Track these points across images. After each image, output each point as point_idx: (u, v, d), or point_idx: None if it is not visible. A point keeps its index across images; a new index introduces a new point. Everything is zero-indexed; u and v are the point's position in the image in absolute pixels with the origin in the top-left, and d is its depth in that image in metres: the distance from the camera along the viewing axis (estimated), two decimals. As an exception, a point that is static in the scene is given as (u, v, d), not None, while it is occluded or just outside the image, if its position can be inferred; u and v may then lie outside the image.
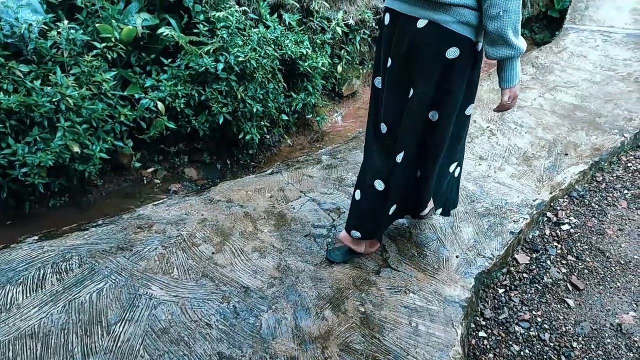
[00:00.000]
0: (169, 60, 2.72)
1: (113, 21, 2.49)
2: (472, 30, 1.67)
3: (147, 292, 1.91)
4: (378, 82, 1.95)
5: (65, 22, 2.38)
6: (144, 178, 2.86)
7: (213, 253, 2.16)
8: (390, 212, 2.05)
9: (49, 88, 2.26)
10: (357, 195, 2.05)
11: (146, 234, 2.22)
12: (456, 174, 2.17)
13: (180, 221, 2.33)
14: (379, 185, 1.98)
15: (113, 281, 1.95)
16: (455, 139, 1.99)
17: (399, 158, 1.92)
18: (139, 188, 2.80)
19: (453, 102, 1.81)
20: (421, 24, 1.67)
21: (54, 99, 2.24)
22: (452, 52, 1.68)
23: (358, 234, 2.06)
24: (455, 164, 2.11)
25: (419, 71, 1.75)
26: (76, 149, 2.30)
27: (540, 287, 2.32)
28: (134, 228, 2.25)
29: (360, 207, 2.05)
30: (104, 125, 2.47)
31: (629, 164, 3.25)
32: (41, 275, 1.95)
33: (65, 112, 2.29)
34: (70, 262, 2.02)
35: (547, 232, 2.66)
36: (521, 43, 1.65)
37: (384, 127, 1.95)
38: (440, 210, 2.21)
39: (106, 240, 2.16)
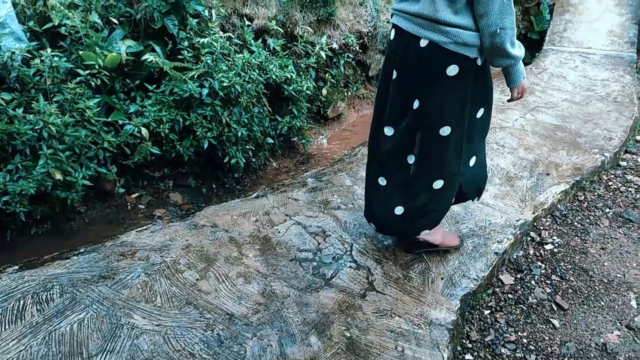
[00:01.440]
0: (154, 86, 2.73)
1: (97, 48, 2.51)
2: (470, 48, 1.80)
3: (129, 322, 1.88)
4: (381, 90, 2.11)
5: (49, 50, 2.39)
6: (128, 204, 2.84)
7: (197, 279, 2.14)
8: (398, 213, 2.19)
9: (31, 116, 2.25)
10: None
11: (129, 261, 2.20)
12: (479, 163, 2.29)
13: (164, 247, 2.31)
14: (382, 181, 2.18)
15: (94, 311, 1.92)
16: (470, 143, 2.13)
17: (411, 159, 2.07)
18: (123, 214, 2.77)
19: (458, 114, 1.95)
20: (423, 43, 1.82)
21: (36, 127, 2.24)
22: (452, 70, 1.82)
23: (373, 226, 2.31)
24: (474, 158, 2.22)
25: (422, 85, 1.89)
26: (59, 176, 2.29)
27: (525, 308, 2.33)
28: (117, 255, 2.23)
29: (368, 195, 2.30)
30: (87, 152, 2.46)
31: (610, 183, 3.30)
32: (21, 306, 1.91)
33: (47, 139, 2.28)
34: (51, 292, 1.99)
35: (531, 252, 2.68)
36: (519, 51, 1.82)
37: (388, 130, 2.08)
38: (476, 199, 2.39)
39: (88, 269, 2.14)
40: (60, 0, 2.55)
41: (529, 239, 2.76)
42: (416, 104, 1.94)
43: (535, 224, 2.83)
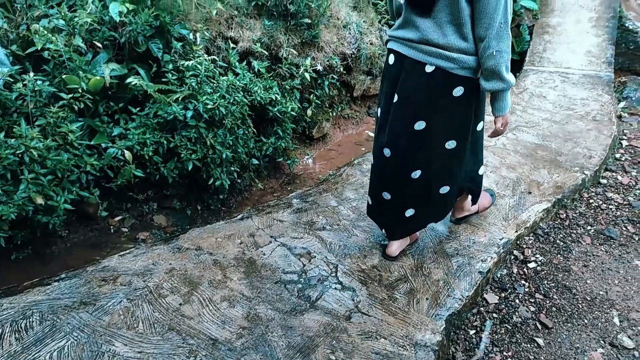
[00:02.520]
0: (138, 109, 2.73)
1: (80, 72, 2.51)
2: (472, 71, 1.97)
3: (110, 349, 1.85)
4: (379, 112, 2.27)
5: (32, 73, 2.38)
6: (111, 227, 2.81)
7: (180, 304, 2.12)
8: (409, 215, 2.36)
9: (12, 140, 2.23)
10: (370, 201, 2.47)
11: (111, 286, 2.17)
12: (481, 172, 2.54)
13: (147, 272, 2.29)
14: (386, 195, 2.32)
15: (75, 338, 1.89)
16: (472, 154, 2.38)
17: (416, 174, 2.22)
18: (106, 238, 2.74)
19: (465, 129, 2.16)
20: (429, 69, 1.96)
21: (18, 151, 2.22)
22: (458, 91, 2.00)
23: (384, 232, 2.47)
24: (478, 158, 2.47)
25: (429, 108, 2.04)
26: (40, 200, 2.26)
27: (510, 327, 2.34)
28: (99, 281, 2.20)
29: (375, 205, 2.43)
30: (70, 176, 2.44)
31: (591, 201, 3.36)
32: (-1, 334, 1.88)
33: (29, 163, 2.26)
34: (31, 320, 1.95)
35: (515, 270, 2.70)
36: (511, 78, 1.96)
37: (387, 152, 2.22)
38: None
39: (69, 295, 2.10)
40: (43, 24, 2.56)
41: (512, 257, 2.78)
42: (421, 125, 2.08)
43: (518, 242, 2.86)
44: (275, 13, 3.55)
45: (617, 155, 3.97)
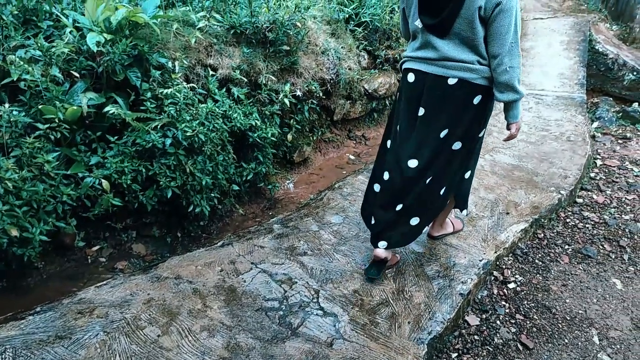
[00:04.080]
0: (116, 137, 2.72)
1: (57, 102, 2.50)
2: (489, 80, 2.18)
3: (85, 385, 1.81)
4: (399, 128, 2.39)
5: (7, 104, 2.37)
6: (89, 257, 2.77)
7: (159, 335, 2.08)
8: (414, 224, 2.47)
9: (-14, 171, 2.20)
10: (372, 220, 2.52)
11: (87, 319, 2.13)
12: (467, 177, 2.62)
13: (124, 303, 2.25)
14: (399, 207, 2.42)
15: (49, 374, 1.84)
16: (471, 159, 2.54)
17: (429, 181, 2.37)
18: (83, 268, 2.70)
19: (472, 133, 2.35)
20: (452, 81, 2.17)
21: (-9, 182, 2.19)
22: (477, 99, 2.22)
23: (385, 244, 2.47)
24: (469, 172, 2.60)
25: (452, 116, 2.24)
26: (15, 232, 2.22)
27: (491, 349, 2.34)
28: (75, 313, 2.15)
29: (384, 222, 2.47)
30: (46, 206, 2.41)
31: (568, 220, 3.42)
32: (-31, 373, 1.82)
33: (3, 195, 2.22)
34: (4, 356, 1.90)
35: (495, 291, 2.72)
36: (523, 89, 2.18)
37: (414, 162, 2.34)
38: (465, 212, 2.78)
39: (44, 329, 2.05)
40: (20, 54, 2.55)
41: (492, 278, 2.80)
42: (444, 133, 2.28)
43: (497, 263, 2.89)
44: (254, 41, 3.59)
45: (592, 175, 4.07)
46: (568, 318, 2.54)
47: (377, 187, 2.57)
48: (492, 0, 1.99)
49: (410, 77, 2.30)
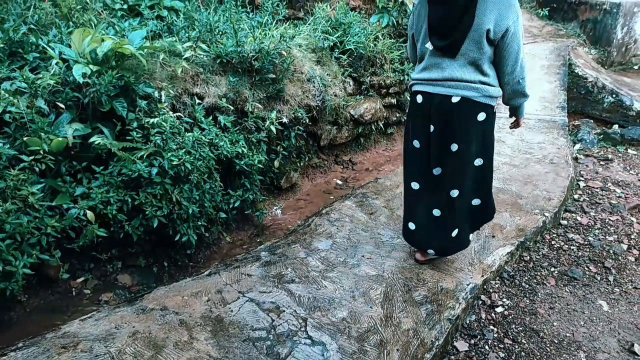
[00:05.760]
0: (101, 167, 2.72)
1: (42, 133, 2.50)
2: (492, 99, 2.44)
3: (68, 423, 1.76)
4: (416, 143, 2.63)
5: (-9, 137, 2.37)
6: (73, 289, 2.73)
7: (144, 369, 2.05)
8: (454, 235, 2.72)
9: (-31, 204, 2.19)
10: (412, 227, 2.80)
11: (71, 354, 2.09)
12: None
13: (109, 336, 2.21)
14: (437, 212, 2.68)
15: (30, 413, 1.79)
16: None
17: (454, 194, 2.61)
18: (67, 301, 2.65)
19: (489, 148, 2.58)
20: (455, 99, 2.40)
21: (-26, 216, 2.17)
22: (481, 116, 2.44)
23: (432, 252, 2.79)
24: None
25: (459, 131, 2.46)
26: (-3, 266, 2.19)
27: (480, 375, 2.33)
28: (58, 348, 2.11)
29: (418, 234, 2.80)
30: (30, 239, 2.38)
31: (553, 242, 3.45)
32: (-53, 413, 1.77)
33: (-14, 228, 2.20)
34: (-17, 395, 1.85)
35: (483, 315, 2.72)
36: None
37: (437, 170, 2.61)
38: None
39: (25, 366, 2.01)
40: (5, 87, 2.56)
41: (480, 302, 2.81)
42: (455, 147, 2.49)
43: (485, 286, 2.90)
44: (240, 69, 3.64)
45: (576, 196, 4.13)
46: (556, 341, 2.54)
47: (411, 200, 2.81)
48: (502, 25, 2.25)
49: (419, 99, 2.53)
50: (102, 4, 3.85)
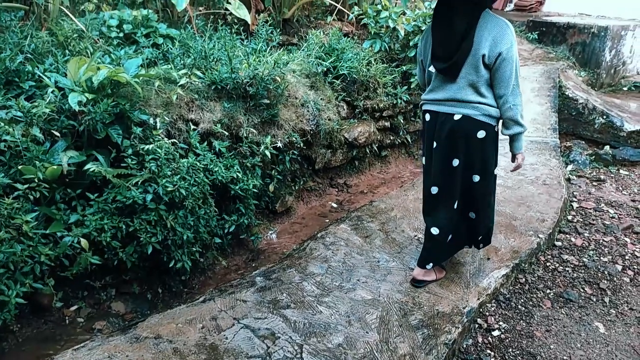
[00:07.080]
0: (96, 194, 2.72)
1: (37, 162, 2.51)
2: (492, 119, 2.58)
3: None
4: (424, 160, 2.87)
5: (-14, 165, 2.37)
6: (67, 317, 2.70)
7: (137, 400, 2.02)
8: (448, 241, 2.85)
9: (-38, 234, 2.18)
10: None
11: (63, 385, 2.06)
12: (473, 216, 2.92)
13: (102, 366, 2.19)
14: (435, 230, 2.81)
15: None
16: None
17: (455, 205, 2.77)
18: (60, 330, 2.62)
19: (488, 166, 2.71)
20: (457, 117, 2.58)
21: (-33, 245, 2.16)
22: (481, 134, 2.59)
23: (430, 264, 2.91)
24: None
25: (459, 148, 2.62)
26: (-11, 295, 2.18)
27: (478, 401, 2.31)
28: (50, 379, 2.09)
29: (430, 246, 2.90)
30: (23, 267, 2.37)
31: (548, 264, 3.46)
32: None
33: (-21, 257, 2.19)
34: None
35: (480, 339, 2.71)
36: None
37: (434, 189, 2.77)
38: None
39: (16, 398, 1.98)
40: (1, 115, 2.58)
41: (476, 325, 2.80)
42: (456, 162, 2.66)
43: (481, 309, 2.89)
44: (235, 95, 3.68)
45: (569, 217, 4.15)
46: (553, 365, 2.53)
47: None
48: (495, 50, 2.43)
49: (427, 117, 2.76)
50: (99, 33, 3.91)
